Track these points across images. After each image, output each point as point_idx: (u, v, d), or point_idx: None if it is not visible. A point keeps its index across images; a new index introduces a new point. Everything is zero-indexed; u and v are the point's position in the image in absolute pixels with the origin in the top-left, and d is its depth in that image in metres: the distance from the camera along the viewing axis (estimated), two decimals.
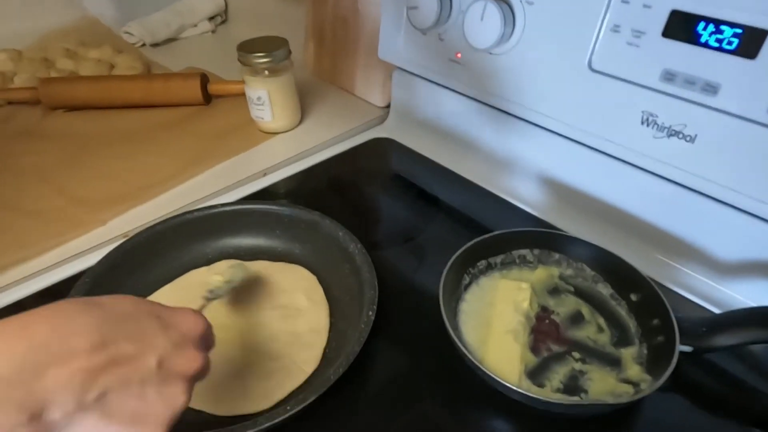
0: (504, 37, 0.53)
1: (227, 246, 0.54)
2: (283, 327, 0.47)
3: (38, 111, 0.81)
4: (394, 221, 0.61)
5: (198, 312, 0.33)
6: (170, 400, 0.28)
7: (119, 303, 0.29)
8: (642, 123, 0.47)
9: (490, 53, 0.56)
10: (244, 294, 0.49)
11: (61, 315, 0.26)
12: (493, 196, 0.62)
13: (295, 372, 0.43)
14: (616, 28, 0.46)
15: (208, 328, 0.33)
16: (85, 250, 0.55)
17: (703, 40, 0.41)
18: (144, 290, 0.49)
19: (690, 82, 0.43)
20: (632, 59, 0.46)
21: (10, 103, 0.83)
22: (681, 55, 0.43)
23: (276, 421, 0.35)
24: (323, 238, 0.51)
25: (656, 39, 0.43)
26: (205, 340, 0.33)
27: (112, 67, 0.90)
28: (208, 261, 0.53)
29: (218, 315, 0.47)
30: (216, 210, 0.53)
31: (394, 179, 0.69)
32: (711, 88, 0.42)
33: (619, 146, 0.49)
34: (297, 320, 0.47)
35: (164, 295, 0.50)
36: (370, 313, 0.42)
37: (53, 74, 0.87)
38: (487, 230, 0.49)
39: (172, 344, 0.29)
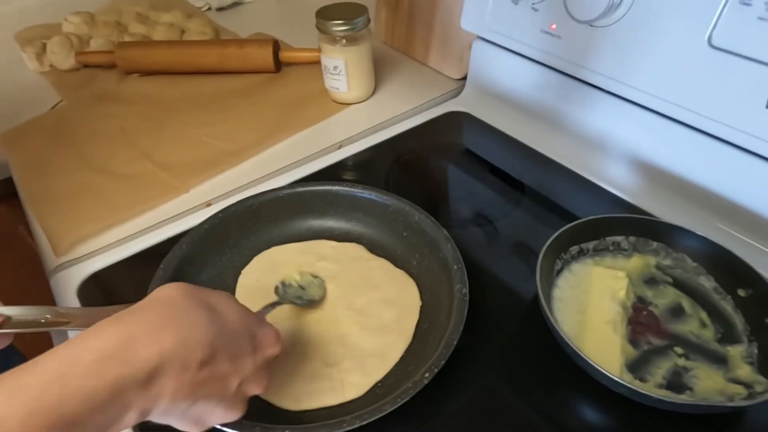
0: (611, 8, 0.49)
1: (354, 230, 0.53)
2: (356, 335, 0.44)
3: (114, 75, 0.82)
4: (472, 202, 0.59)
5: (279, 334, 0.35)
6: (228, 416, 0.31)
7: (230, 313, 0.31)
8: None
9: (592, 25, 0.52)
10: (349, 280, 0.48)
11: (186, 324, 0.28)
12: (578, 178, 0.59)
13: (337, 391, 0.40)
14: (746, 0, 0.42)
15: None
16: (171, 216, 0.56)
17: None
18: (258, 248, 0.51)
19: None
20: (763, 35, 0.42)
21: (86, 66, 0.85)
22: None
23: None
24: (437, 258, 0.47)
25: None
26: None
27: (183, 32, 0.90)
28: (333, 237, 0.52)
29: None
30: (351, 191, 0.52)
31: (470, 156, 0.67)
32: None
33: (738, 131, 0.45)
34: (371, 336, 0.44)
35: (285, 252, 0.51)
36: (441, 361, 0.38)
37: (127, 38, 0.88)
38: (572, 214, 0.47)
39: (254, 369, 0.32)
